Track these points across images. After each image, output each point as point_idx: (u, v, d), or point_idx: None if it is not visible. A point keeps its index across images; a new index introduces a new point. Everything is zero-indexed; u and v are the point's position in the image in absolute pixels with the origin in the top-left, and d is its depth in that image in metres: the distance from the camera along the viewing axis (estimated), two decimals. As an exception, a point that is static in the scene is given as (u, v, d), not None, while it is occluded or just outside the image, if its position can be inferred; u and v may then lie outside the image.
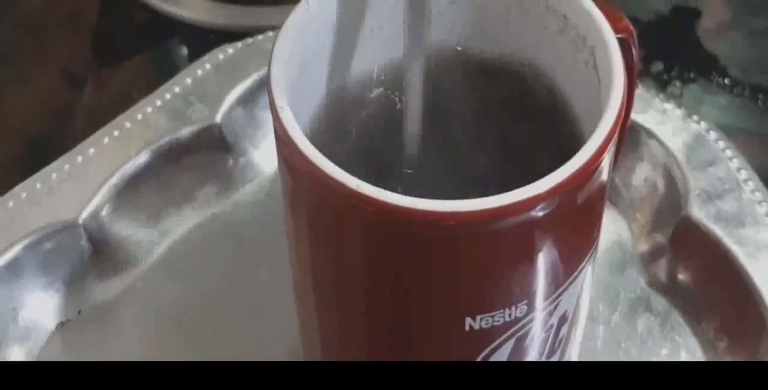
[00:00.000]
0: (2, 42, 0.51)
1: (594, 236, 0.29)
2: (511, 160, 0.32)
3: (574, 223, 0.27)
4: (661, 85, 0.48)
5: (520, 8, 0.32)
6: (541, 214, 0.25)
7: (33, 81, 0.50)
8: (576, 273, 0.28)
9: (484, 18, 0.32)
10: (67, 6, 0.53)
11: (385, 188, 0.26)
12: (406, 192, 0.26)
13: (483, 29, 0.33)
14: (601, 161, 0.26)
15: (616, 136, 0.26)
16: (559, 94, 0.32)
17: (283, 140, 0.28)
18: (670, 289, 0.39)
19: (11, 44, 0.51)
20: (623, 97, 0.27)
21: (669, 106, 0.41)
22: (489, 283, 0.27)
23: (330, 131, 0.32)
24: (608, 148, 0.26)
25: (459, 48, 0.33)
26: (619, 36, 0.30)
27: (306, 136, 0.28)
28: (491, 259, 0.26)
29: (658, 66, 0.49)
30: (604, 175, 0.27)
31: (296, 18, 0.30)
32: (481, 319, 0.28)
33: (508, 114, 0.32)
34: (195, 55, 0.46)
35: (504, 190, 0.26)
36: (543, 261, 0.27)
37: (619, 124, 0.26)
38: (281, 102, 0.28)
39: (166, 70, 0.50)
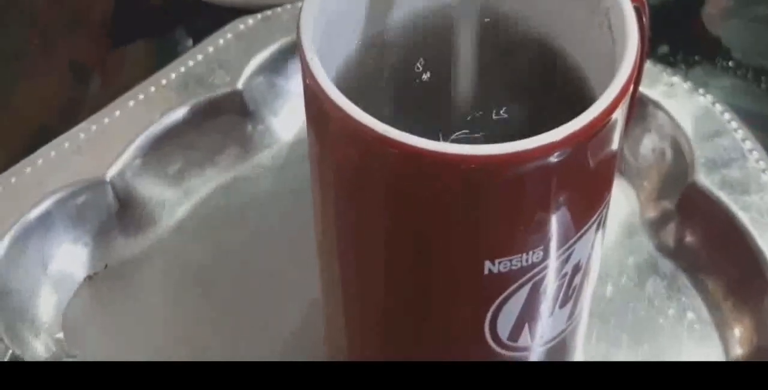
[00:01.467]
0: (10, 38, 0.51)
1: (605, 191, 0.30)
2: (524, 118, 0.33)
3: (586, 176, 0.28)
4: (668, 67, 0.49)
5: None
6: (555, 161, 0.27)
7: (40, 76, 0.50)
8: (588, 224, 0.30)
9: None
10: (73, 2, 0.53)
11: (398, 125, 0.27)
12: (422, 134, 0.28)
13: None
14: (614, 116, 0.27)
15: (629, 92, 0.28)
16: (573, 56, 0.33)
17: (311, 88, 0.29)
18: (677, 252, 0.40)
19: (19, 40, 0.51)
20: (637, 56, 0.28)
21: (676, 79, 0.42)
22: (507, 227, 0.29)
23: (357, 84, 0.33)
24: (621, 102, 0.27)
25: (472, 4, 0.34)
26: (632, 3, 0.31)
27: (336, 84, 0.29)
28: (509, 203, 0.28)
29: (663, 49, 0.50)
30: (616, 133, 0.28)
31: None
32: (499, 263, 0.29)
33: (521, 72, 0.34)
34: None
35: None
36: (557, 209, 0.28)
37: (632, 80, 0.28)
38: (310, 53, 0.29)
39: (171, 59, 0.52)
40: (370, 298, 0.33)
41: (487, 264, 0.29)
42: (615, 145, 0.29)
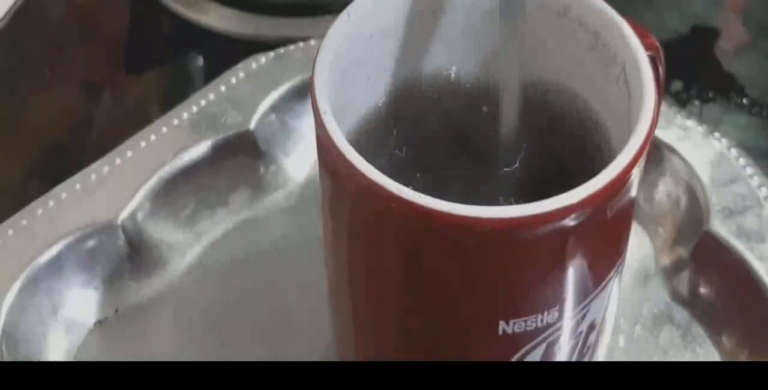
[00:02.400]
0: (23, 52, 0.52)
1: (622, 247, 0.30)
2: (542, 171, 0.33)
3: (604, 233, 0.28)
4: (681, 103, 0.49)
5: (552, 24, 0.33)
6: (572, 223, 0.27)
7: (53, 90, 0.50)
8: (605, 282, 0.29)
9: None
10: (87, 17, 0.53)
11: (412, 185, 0.27)
12: (440, 197, 0.27)
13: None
14: (632, 174, 0.27)
15: (646, 150, 0.28)
16: (588, 109, 0.33)
17: (325, 143, 0.29)
18: (691, 302, 0.40)
19: (32, 54, 0.52)
20: (654, 112, 0.28)
21: (690, 122, 0.42)
22: (522, 289, 0.28)
23: (370, 137, 0.33)
24: (639, 161, 0.27)
25: (489, 62, 0.34)
26: (647, 53, 0.31)
27: (348, 138, 0.29)
28: (524, 265, 0.28)
29: (677, 85, 0.50)
30: (634, 188, 0.28)
31: (338, 27, 0.32)
32: (514, 324, 0.29)
33: (536, 126, 0.34)
34: (222, 65, 0.47)
35: (534, 198, 0.27)
36: (574, 269, 0.28)
37: (650, 138, 0.28)
38: (324, 106, 0.29)
39: (182, 81, 0.52)
40: (383, 349, 0.33)
41: (502, 324, 0.29)
42: (633, 201, 0.29)
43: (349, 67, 0.32)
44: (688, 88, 0.50)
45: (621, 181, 0.27)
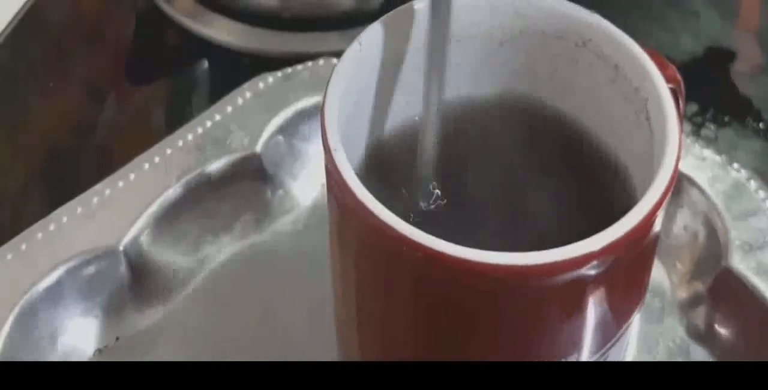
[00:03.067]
0: (26, 57, 0.51)
1: (643, 289, 0.29)
2: (553, 207, 0.32)
3: (625, 278, 0.27)
4: (696, 127, 0.48)
5: (570, 56, 0.32)
6: (593, 271, 0.26)
7: (56, 95, 0.50)
8: (624, 328, 0.28)
9: (532, 64, 0.33)
10: (90, 22, 0.53)
11: (429, 227, 0.26)
12: (446, 233, 0.26)
13: (531, 75, 0.33)
14: (656, 218, 0.26)
15: (670, 192, 0.27)
16: (605, 144, 0.32)
17: (336, 182, 0.28)
18: (709, 339, 0.39)
19: (36, 60, 0.51)
20: (678, 153, 0.27)
21: (708, 152, 0.41)
22: (536, 335, 0.27)
23: (379, 169, 0.32)
24: (663, 205, 0.26)
25: (505, 93, 0.33)
26: (668, 85, 0.30)
27: (357, 173, 0.28)
28: (540, 313, 0.27)
29: (692, 108, 0.49)
30: (657, 231, 0.27)
31: (348, 58, 0.31)
32: (529, 370, 0.28)
33: (553, 161, 0.33)
34: (227, 78, 0.46)
35: (548, 242, 0.26)
36: (593, 316, 0.27)
37: (674, 180, 0.27)
38: (335, 143, 0.29)
39: (187, 91, 0.51)
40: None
41: (517, 371, 0.28)
42: (655, 243, 0.28)
43: (361, 98, 0.31)
44: (703, 111, 0.49)
45: (644, 226, 0.26)
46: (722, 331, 0.39)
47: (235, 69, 0.50)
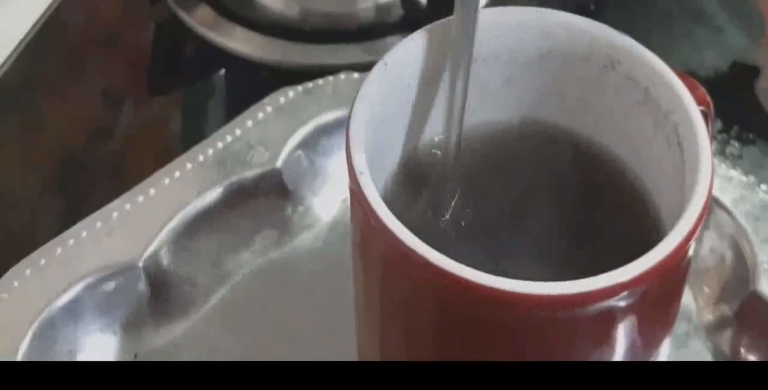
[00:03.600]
0: (42, 63, 0.51)
1: (672, 319, 0.28)
2: (579, 233, 0.31)
3: (654, 309, 0.27)
4: (720, 145, 0.48)
5: (597, 78, 0.31)
6: (623, 303, 0.25)
7: (72, 102, 0.50)
8: (656, 354, 0.28)
9: (558, 85, 0.32)
10: (109, 31, 0.53)
11: (453, 251, 0.26)
12: (471, 259, 0.26)
13: (556, 97, 0.32)
14: (689, 248, 0.26)
15: (703, 222, 0.26)
16: (632, 169, 0.31)
17: (361, 204, 0.28)
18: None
19: (53, 67, 0.51)
20: (711, 181, 0.27)
21: (735, 173, 0.40)
22: (565, 364, 0.27)
23: (406, 189, 0.32)
24: (695, 233, 0.26)
25: (530, 114, 0.33)
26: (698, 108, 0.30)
27: (381, 195, 0.27)
28: (569, 343, 0.26)
29: (716, 125, 0.48)
30: (689, 259, 0.27)
31: (373, 79, 0.30)
32: (556, 401, 0.27)
33: (577, 186, 0.32)
34: (246, 89, 0.46)
35: (573, 269, 0.25)
36: (622, 345, 0.27)
37: (707, 208, 0.26)
38: (361, 167, 0.28)
39: (204, 100, 0.51)
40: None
41: (544, 402, 0.27)
42: (686, 271, 0.28)
43: (386, 118, 0.31)
44: (728, 128, 0.48)
45: (677, 256, 0.25)
46: (748, 355, 0.38)
47: (253, 80, 0.49)
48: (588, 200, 0.31)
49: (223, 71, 0.51)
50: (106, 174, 0.47)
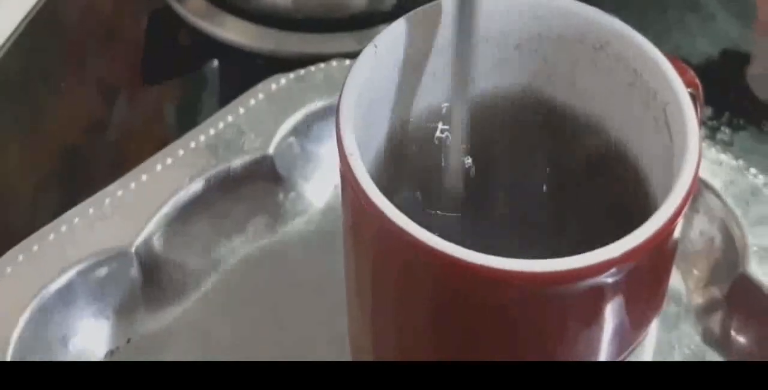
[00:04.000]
0: (40, 56, 0.51)
1: (661, 298, 0.29)
2: (569, 211, 0.32)
3: (643, 287, 0.27)
4: (711, 131, 0.48)
5: (588, 59, 0.31)
6: (611, 279, 0.25)
7: (69, 94, 0.50)
8: (643, 335, 0.28)
9: (551, 67, 0.32)
10: (103, 22, 0.53)
11: (442, 230, 0.26)
12: (460, 237, 0.26)
13: (549, 78, 0.33)
14: (676, 226, 0.26)
15: (690, 199, 0.26)
16: (623, 148, 0.31)
17: (352, 186, 0.28)
18: (726, 347, 0.38)
19: (49, 59, 0.51)
20: (698, 161, 0.27)
21: (725, 157, 0.40)
22: (554, 343, 0.27)
23: (394, 170, 0.32)
24: (682, 212, 0.26)
25: (522, 96, 0.33)
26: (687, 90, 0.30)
27: (371, 176, 0.28)
28: (558, 320, 0.26)
29: (706, 111, 0.48)
30: (676, 237, 0.27)
31: (363, 61, 0.30)
32: (546, 378, 0.27)
33: (569, 165, 0.32)
34: (240, 79, 0.46)
35: (564, 247, 0.26)
36: (612, 323, 0.27)
37: (695, 186, 0.26)
38: (351, 148, 0.28)
39: (199, 91, 0.51)
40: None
41: (534, 379, 0.27)
42: (674, 249, 0.28)
43: (375, 100, 0.31)
44: (718, 115, 0.48)
45: (664, 234, 0.25)
46: (738, 337, 0.38)
47: (247, 69, 0.49)
48: (581, 179, 0.31)
49: (216, 61, 0.51)
50: (103, 166, 0.47)
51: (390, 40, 0.31)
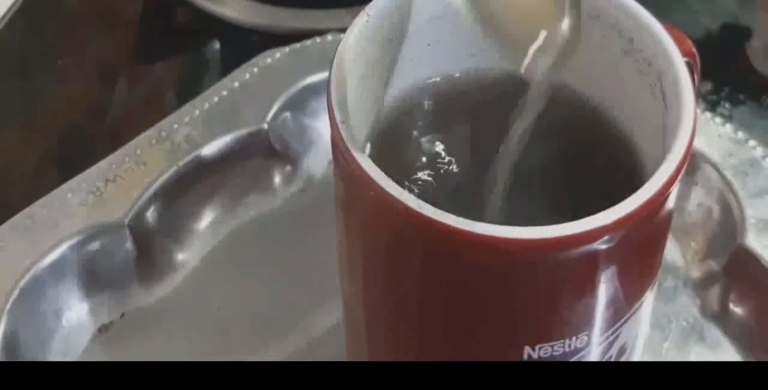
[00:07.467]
0: (40, 39, 0.51)
1: (656, 266, 0.28)
2: (567, 182, 0.31)
3: (638, 255, 0.27)
4: (711, 105, 0.47)
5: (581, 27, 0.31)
6: (604, 246, 0.25)
7: (70, 77, 0.50)
8: (639, 303, 0.28)
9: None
10: (104, 3, 0.53)
11: (437, 202, 0.26)
12: (459, 211, 0.26)
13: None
14: (670, 193, 0.25)
15: (684, 168, 0.26)
16: (618, 119, 0.31)
17: (343, 154, 0.28)
18: (723, 319, 0.38)
19: (47, 40, 0.51)
20: (693, 127, 0.27)
21: (723, 129, 0.40)
22: (548, 313, 0.27)
23: (385, 141, 0.32)
24: (677, 179, 0.26)
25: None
26: (683, 59, 0.29)
27: (364, 148, 0.27)
28: (552, 289, 0.26)
29: (706, 86, 0.48)
30: (671, 207, 0.27)
31: (355, 31, 0.30)
32: (540, 349, 0.27)
33: (563, 135, 0.32)
34: (238, 55, 0.46)
35: (561, 217, 0.25)
36: (605, 292, 0.26)
37: (689, 155, 0.26)
38: (341, 116, 0.28)
39: (198, 69, 0.51)
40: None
41: (527, 349, 0.27)
42: (669, 219, 0.28)
43: (367, 70, 0.30)
44: (718, 89, 0.48)
45: (657, 202, 0.25)
46: (736, 309, 0.38)
47: (246, 46, 0.49)
48: (573, 149, 0.31)
49: (215, 38, 0.51)
50: (103, 147, 0.46)
51: (382, 10, 0.30)
